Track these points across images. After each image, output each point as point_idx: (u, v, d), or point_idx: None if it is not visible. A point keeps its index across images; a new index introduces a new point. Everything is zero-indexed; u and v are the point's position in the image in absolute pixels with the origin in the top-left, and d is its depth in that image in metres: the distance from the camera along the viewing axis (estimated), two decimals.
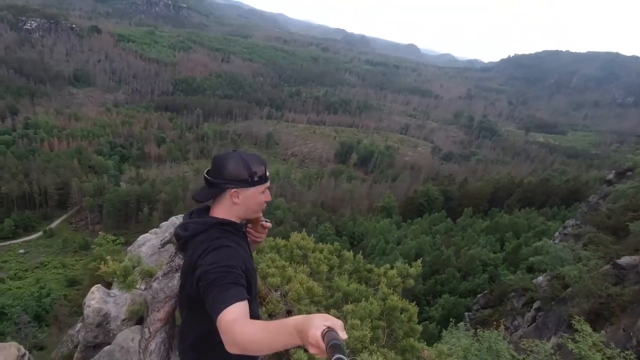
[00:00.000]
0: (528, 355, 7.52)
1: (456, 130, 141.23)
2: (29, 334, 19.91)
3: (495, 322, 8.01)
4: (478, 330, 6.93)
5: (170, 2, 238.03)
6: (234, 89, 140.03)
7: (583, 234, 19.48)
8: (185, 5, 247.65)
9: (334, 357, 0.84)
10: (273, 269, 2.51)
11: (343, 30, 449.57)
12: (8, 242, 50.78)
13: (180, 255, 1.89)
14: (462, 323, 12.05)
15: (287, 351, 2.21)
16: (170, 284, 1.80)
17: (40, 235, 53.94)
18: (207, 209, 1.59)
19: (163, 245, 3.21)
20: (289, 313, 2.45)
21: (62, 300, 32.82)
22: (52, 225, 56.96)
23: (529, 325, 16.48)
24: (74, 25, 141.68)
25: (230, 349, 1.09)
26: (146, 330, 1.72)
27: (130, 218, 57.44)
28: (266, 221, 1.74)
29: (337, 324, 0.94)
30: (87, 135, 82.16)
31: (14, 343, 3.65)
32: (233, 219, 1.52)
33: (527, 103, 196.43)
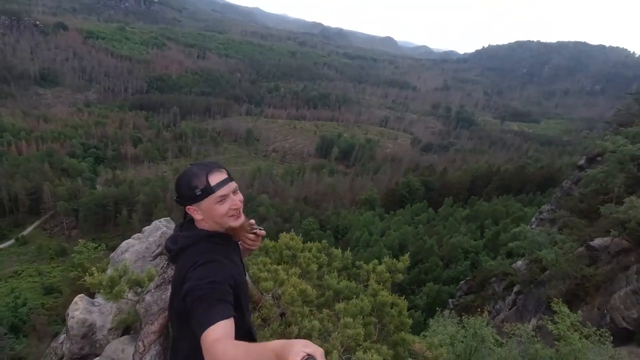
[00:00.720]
0: (510, 338, 7.82)
1: (434, 121, 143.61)
2: (6, 346, 19.19)
3: (478, 308, 8.29)
4: (463, 317, 7.15)
5: None
6: (211, 86, 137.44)
7: (558, 218, 20.29)
8: (156, 0, 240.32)
9: None
10: (265, 273, 2.50)
11: (320, 24, 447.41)
12: None
13: (172, 267, 1.85)
14: (446, 310, 12.38)
15: None
16: (163, 296, 1.77)
17: (12, 244, 51.72)
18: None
19: (154, 257, 3.14)
20: (282, 316, 2.46)
21: (39, 310, 31.74)
22: (25, 232, 54.68)
23: (510, 309, 17.11)
24: (37, 22, 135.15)
25: None
26: (140, 343, 1.68)
27: (108, 221, 55.82)
28: (260, 229, 1.73)
29: (317, 351, 0.92)
30: (58, 137, 79.01)
31: None
32: (219, 230, 1.49)
33: (501, 93, 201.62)
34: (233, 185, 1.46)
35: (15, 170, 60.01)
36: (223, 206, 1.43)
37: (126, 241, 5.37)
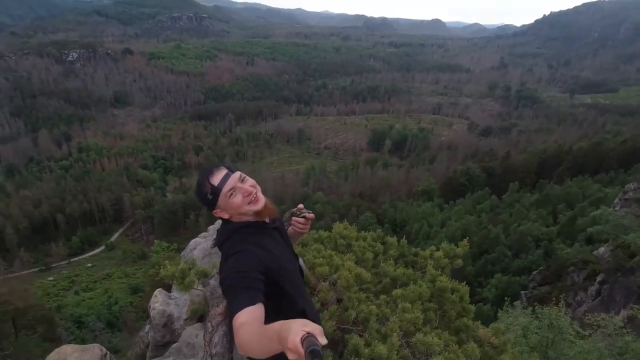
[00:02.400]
0: (595, 331, 7.11)
1: (492, 102, 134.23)
2: (105, 339, 21.74)
3: (554, 299, 7.63)
4: (536, 307, 6.66)
5: (192, 14, 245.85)
6: (261, 90, 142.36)
7: None
8: (206, 15, 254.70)
9: None
10: (320, 259, 2.58)
11: (363, 16, 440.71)
12: (77, 258, 55.64)
13: None
14: (518, 301, 11.60)
15: (342, 339, 2.28)
16: None
17: (102, 249, 58.51)
18: None
19: (213, 247, 3.40)
20: (339, 301, 2.52)
21: (128, 307, 35.48)
22: (112, 239, 61.52)
23: (593, 300, 15.54)
24: (109, 51, 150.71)
25: (239, 350, 1.16)
26: (209, 324, 1.85)
27: (179, 225, 60.58)
28: (308, 212, 1.79)
29: (316, 329, 0.93)
30: (132, 152, 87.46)
31: (97, 344, 4.05)
32: (249, 220, 1.58)
33: (569, 64, 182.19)
34: (236, 175, 1.54)
35: (100, 185, 67.70)
36: (236, 197, 1.52)
37: (194, 240, 5.83)
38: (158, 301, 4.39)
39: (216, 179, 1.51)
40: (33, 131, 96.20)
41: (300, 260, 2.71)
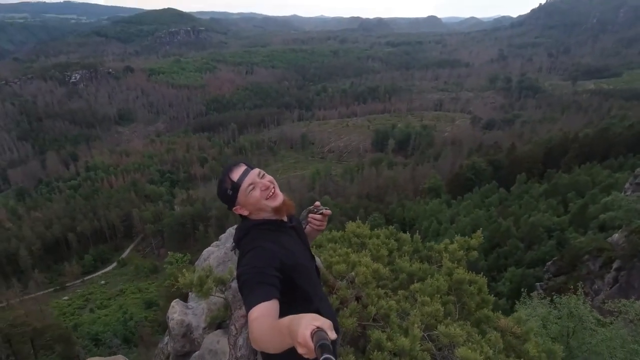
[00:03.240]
0: (616, 318, 7.00)
1: (494, 95, 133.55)
2: (122, 355, 21.90)
3: (571, 289, 7.53)
4: (554, 297, 6.58)
5: (189, 28, 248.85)
6: (262, 98, 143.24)
7: None
8: (203, 28, 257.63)
9: (322, 357, 0.84)
10: (337, 257, 2.59)
11: (358, 18, 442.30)
12: (90, 276, 56.14)
13: None
14: (535, 292, 11.46)
15: (364, 333, 2.29)
16: None
17: (115, 266, 58.96)
18: None
19: (233, 249, 3.42)
20: (358, 299, 2.53)
21: (143, 322, 35.64)
22: (124, 255, 61.98)
23: (611, 288, 15.31)
24: (110, 69, 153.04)
25: (253, 345, 1.19)
26: (232, 327, 1.87)
27: (189, 237, 60.88)
28: (326, 209, 1.81)
29: (325, 323, 0.94)
30: (139, 168, 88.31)
31: (121, 355, 4.09)
32: (267, 217, 1.61)
33: (569, 51, 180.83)
34: (255, 171, 1.59)
35: (109, 202, 68.39)
36: (255, 192, 1.56)
37: (207, 249, 5.87)
38: (176, 311, 4.43)
39: (236, 175, 1.55)
40: (41, 153, 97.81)
41: (318, 259, 2.73)
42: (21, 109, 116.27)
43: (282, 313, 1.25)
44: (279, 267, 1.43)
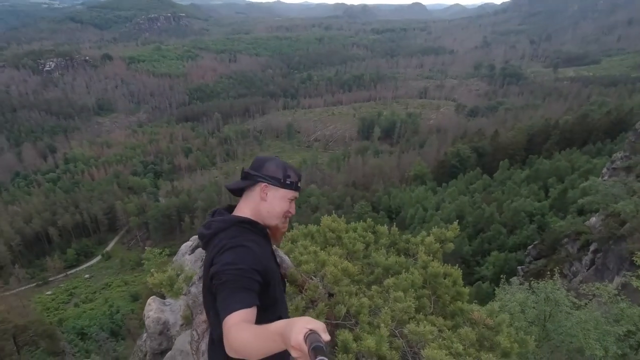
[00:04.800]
0: (590, 300, 7.24)
1: (478, 82, 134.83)
2: (109, 349, 21.67)
3: (549, 273, 7.75)
4: (532, 282, 6.74)
5: (169, 14, 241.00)
6: (247, 87, 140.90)
7: (634, 165, 18.23)
8: (183, 14, 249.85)
9: (317, 359, 0.85)
10: (306, 256, 2.53)
11: (343, 5, 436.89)
12: (74, 270, 55.07)
13: None
14: (515, 277, 11.75)
15: (334, 335, 2.25)
16: None
17: (99, 259, 57.94)
18: (230, 209, 1.62)
19: (192, 251, 3.33)
20: (331, 296, 2.48)
21: (130, 315, 35.35)
22: (108, 248, 60.92)
23: (588, 269, 15.84)
24: (87, 57, 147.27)
25: (229, 352, 1.12)
26: (194, 332, 1.80)
27: (175, 229, 60.20)
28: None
29: (319, 326, 0.94)
30: (121, 159, 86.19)
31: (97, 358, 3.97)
32: (254, 219, 1.53)
33: (550, 38, 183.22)
34: (297, 193, 1.59)
35: (91, 195, 66.74)
36: (286, 205, 1.53)
37: (185, 244, 5.75)
38: (152, 309, 4.33)
39: (299, 184, 1.58)
40: (16, 146, 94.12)
41: (286, 258, 2.67)
42: None
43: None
44: (261, 270, 1.36)
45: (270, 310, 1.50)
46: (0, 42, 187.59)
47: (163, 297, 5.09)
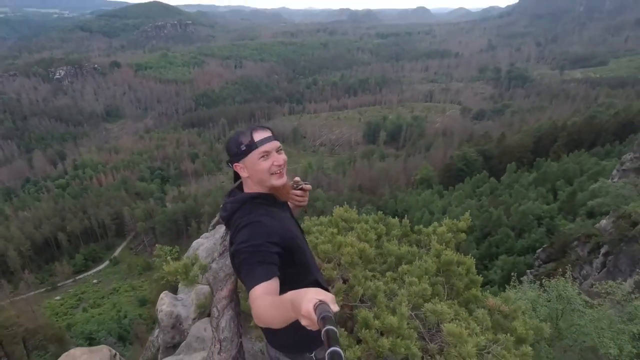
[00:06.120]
0: (603, 299, 7.12)
1: (483, 85, 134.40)
2: (117, 353, 21.79)
3: (562, 271, 7.65)
4: (543, 280, 6.67)
5: (176, 22, 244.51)
6: (252, 92, 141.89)
7: None
8: (190, 22, 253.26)
9: (325, 328, 0.89)
10: (322, 237, 2.56)
11: (347, 9, 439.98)
12: (82, 275, 55.52)
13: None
14: (525, 277, 11.63)
15: (352, 315, 2.27)
16: (227, 262, 1.90)
17: (107, 265, 58.37)
18: (242, 186, 1.66)
19: (213, 227, 3.37)
20: (344, 282, 2.50)
21: (138, 319, 35.50)
22: (116, 254, 61.36)
23: (599, 272, 15.60)
24: (96, 65, 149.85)
25: (257, 322, 1.20)
26: (214, 309, 1.83)
27: (182, 234, 60.49)
28: (306, 184, 1.78)
29: (328, 297, 0.99)
30: (128, 165, 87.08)
31: (105, 346, 4.02)
32: (262, 191, 1.55)
33: (556, 40, 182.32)
34: (276, 143, 1.52)
35: (99, 200, 67.42)
36: (266, 162, 1.50)
37: (196, 241, 5.82)
38: (165, 303, 4.38)
39: (258, 136, 1.50)
40: (27, 152, 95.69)
41: None
42: (4, 107, 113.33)
43: (284, 285, 1.28)
44: (277, 241, 1.40)
45: (302, 275, 1.55)
46: (12, 51, 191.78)
47: (175, 292, 5.15)
